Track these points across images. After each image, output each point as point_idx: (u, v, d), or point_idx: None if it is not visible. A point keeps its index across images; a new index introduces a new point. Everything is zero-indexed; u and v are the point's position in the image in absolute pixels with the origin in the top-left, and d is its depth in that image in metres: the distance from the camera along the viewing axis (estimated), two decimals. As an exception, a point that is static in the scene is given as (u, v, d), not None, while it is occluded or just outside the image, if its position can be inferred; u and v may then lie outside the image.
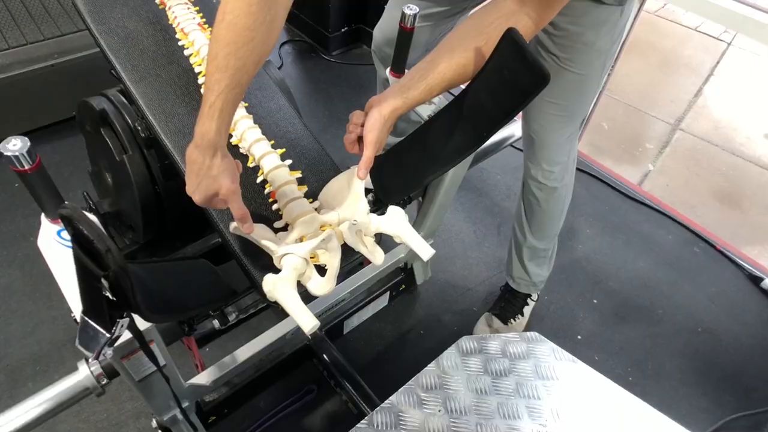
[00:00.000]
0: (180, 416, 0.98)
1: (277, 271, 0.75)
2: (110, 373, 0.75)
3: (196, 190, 0.68)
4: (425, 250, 0.79)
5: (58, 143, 1.80)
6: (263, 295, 0.74)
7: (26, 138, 0.63)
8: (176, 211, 1.09)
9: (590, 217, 1.86)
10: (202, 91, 0.93)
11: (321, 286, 0.75)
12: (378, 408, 0.83)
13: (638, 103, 2.47)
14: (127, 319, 0.58)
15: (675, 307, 1.62)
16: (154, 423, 1.02)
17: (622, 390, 0.86)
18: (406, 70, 1.11)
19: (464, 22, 0.81)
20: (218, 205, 0.71)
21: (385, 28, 1.36)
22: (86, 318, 0.56)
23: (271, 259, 0.76)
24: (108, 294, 0.53)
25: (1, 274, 1.48)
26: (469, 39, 0.76)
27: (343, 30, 2.39)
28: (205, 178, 0.68)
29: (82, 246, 0.52)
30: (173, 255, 1.11)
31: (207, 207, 0.76)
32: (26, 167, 0.63)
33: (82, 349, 0.57)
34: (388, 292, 1.41)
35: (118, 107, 1.03)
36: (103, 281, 0.51)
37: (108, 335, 0.55)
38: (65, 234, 0.72)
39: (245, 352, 1.07)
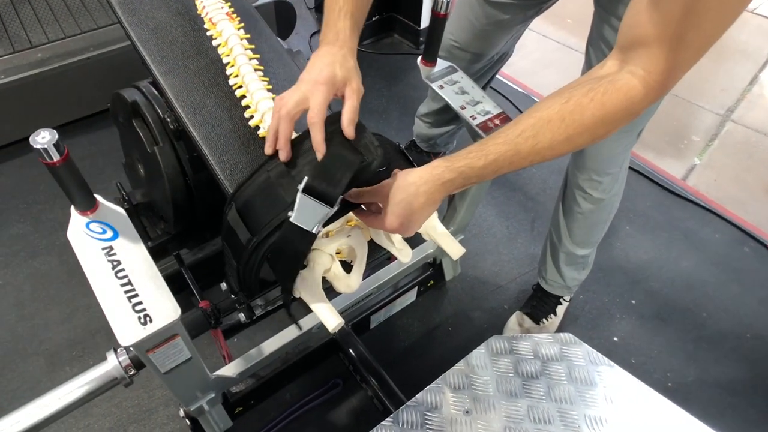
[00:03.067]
0: (206, 407, 0.99)
1: (302, 266, 0.73)
2: (137, 364, 0.76)
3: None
4: (455, 249, 0.76)
5: (94, 135, 1.84)
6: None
7: (54, 131, 0.63)
8: (206, 202, 1.09)
9: (630, 213, 1.77)
10: (231, 81, 0.92)
11: (347, 284, 0.73)
12: (404, 406, 0.81)
13: (684, 93, 2.34)
14: None
15: (721, 311, 1.53)
16: (181, 412, 1.03)
17: (660, 397, 0.82)
18: (438, 60, 1.07)
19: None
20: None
21: (428, 102, 1.54)
22: None
23: (296, 254, 0.75)
24: None
25: (42, 262, 1.53)
26: (551, 98, 0.64)
27: (374, 19, 2.36)
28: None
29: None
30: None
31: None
32: (54, 160, 0.63)
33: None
34: (416, 288, 1.38)
35: (149, 99, 1.04)
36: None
37: None
38: (94, 226, 0.73)
39: (272, 344, 1.07)
